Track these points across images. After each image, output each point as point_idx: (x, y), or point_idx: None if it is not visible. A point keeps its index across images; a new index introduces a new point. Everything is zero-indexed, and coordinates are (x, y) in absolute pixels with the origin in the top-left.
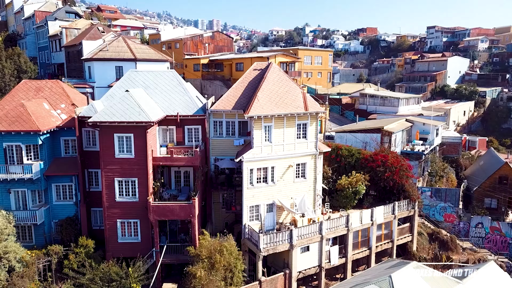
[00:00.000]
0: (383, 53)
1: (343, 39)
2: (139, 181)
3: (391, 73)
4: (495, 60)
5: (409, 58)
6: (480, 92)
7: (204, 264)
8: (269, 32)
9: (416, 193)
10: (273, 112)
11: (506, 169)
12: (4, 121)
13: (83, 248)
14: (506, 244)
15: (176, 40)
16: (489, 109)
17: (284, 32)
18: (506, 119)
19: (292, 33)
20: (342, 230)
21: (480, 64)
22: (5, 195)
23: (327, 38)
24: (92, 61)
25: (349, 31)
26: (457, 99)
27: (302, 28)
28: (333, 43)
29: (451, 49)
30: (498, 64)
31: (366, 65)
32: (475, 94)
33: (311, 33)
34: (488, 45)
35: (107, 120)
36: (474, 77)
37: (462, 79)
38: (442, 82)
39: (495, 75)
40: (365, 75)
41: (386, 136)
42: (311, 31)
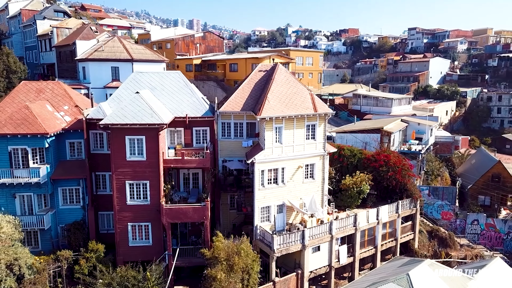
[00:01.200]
0: (366, 54)
1: (325, 40)
2: (150, 184)
3: (374, 73)
4: (474, 61)
5: (391, 58)
6: (461, 92)
7: (222, 266)
8: (252, 32)
9: (418, 192)
10: (284, 113)
11: (498, 168)
12: (9, 124)
13: (93, 253)
14: (501, 240)
15: (167, 40)
16: (470, 109)
17: (266, 33)
18: (486, 118)
19: (275, 33)
20: (350, 230)
21: (460, 65)
22: (10, 199)
23: (310, 39)
24: (87, 61)
25: (331, 32)
26: (440, 99)
27: (285, 29)
28: (316, 43)
29: (431, 50)
30: (477, 65)
31: (349, 66)
32: (457, 94)
33: (294, 33)
34: (467, 47)
35: (118, 122)
36: (455, 77)
37: (443, 80)
38: (424, 83)
39: (474, 76)
40: (349, 76)
41: (385, 136)
42: (294, 32)
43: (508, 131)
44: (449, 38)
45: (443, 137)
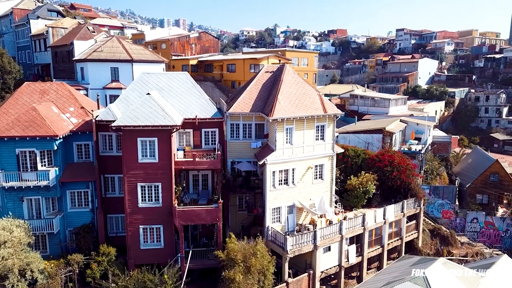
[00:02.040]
0: (354, 54)
1: (314, 40)
2: (162, 186)
3: (363, 74)
4: (461, 62)
5: (380, 59)
6: (450, 93)
7: (239, 268)
8: (240, 33)
9: (422, 191)
10: (294, 114)
11: (496, 167)
12: (17, 126)
13: (105, 256)
14: (499, 238)
15: (162, 40)
16: (458, 109)
17: (255, 33)
18: (474, 118)
19: (263, 33)
20: (359, 230)
21: (448, 65)
22: (17, 203)
23: (299, 39)
24: (86, 62)
25: (319, 32)
26: (429, 99)
27: (273, 29)
28: (305, 44)
29: (419, 51)
30: (464, 66)
31: (338, 66)
32: (445, 95)
33: (282, 34)
34: (454, 48)
35: (131, 124)
36: (443, 78)
37: (431, 80)
38: (414, 83)
39: (462, 76)
40: (338, 76)
41: (387, 136)
42: (282, 32)
43: (495, 130)
44: (436, 39)
45: (440, 136)
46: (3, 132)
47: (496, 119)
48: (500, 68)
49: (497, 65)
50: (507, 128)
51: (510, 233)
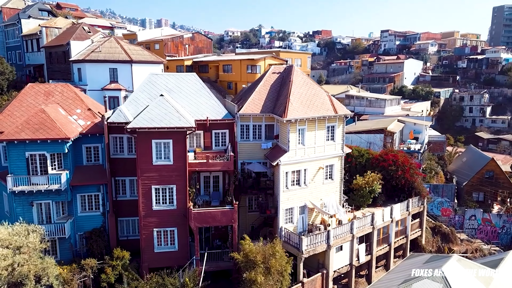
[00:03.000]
0: (340, 55)
1: (300, 41)
2: (177, 188)
3: (349, 74)
4: (445, 62)
5: (366, 60)
6: (435, 93)
7: (260, 269)
8: (224, 33)
9: (425, 190)
10: (307, 115)
11: (492, 165)
12: (27, 129)
13: (119, 260)
14: (496, 234)
15: (156, 40)
16: (443, 109)
17: (239, 33)
18: (459, 117)
19: (248, 34)
20: (368, 229)
21: (432, 66)
22: (26, 208)
23: (284, 40)
24: (84, 62)
25: (304, 33)
26: (415, 99)
27: (258, 30)
28: (290, 44)
29: (404, 52)
30: (448, 67)
31: (323, 67)
32: (431, 95)
33: (268, 34)
34: (437, 49)
35: (146, 126)
36: (428, 78)
37: (417, 80)
38: (400, 83)
39: (446, 77)
40: (325, 77)
41: (389, 136)
42: (267, 33)
43: (480, 129)
44: (420, 40)
45: (435, 136)
46: (12, 135)
47: (480, 118)
48: (482, 68)
49: (479, 65)
50: (491, 127)
51: (506, 229)
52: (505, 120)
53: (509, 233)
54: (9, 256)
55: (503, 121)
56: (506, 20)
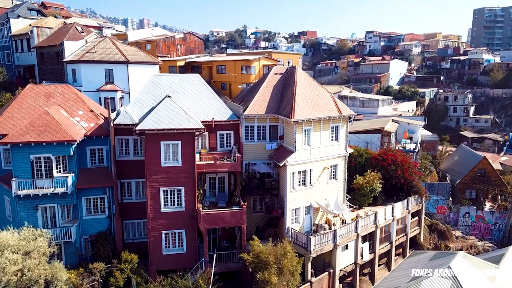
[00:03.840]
0: (325, 56)
1: (285, 42)
2: (185, 190)
3: (335, 75)
4: (429, 63)
5: (351, 60)
6: (420, 93)
7: (272, 269)
8: (209, 33)
9: (424, 188)
10: (313, 115)
11: (484, 163)
12: (32, 131)
13: (127, 264)
14: (489, 230)
15: (147, 41)
16: (428, 108)
17: (224, 34)
18: (443, 117)
19: (233, 34)
20: (371, 227)
21: (416, 67)
22: (31, 212)
23: (270, 40)
24: (79, 63)
25: (289, 34)
26: (401, 99)
27: (243, 30)
28: (276, 45)
29: (388, 52)
30: (432, 67)
31: (309, 67)
32: (416, 95)
33: (253, 35)
34: (421, 50)
35: (155, 127)
36: (413, 79)
37: (402, 81)
38: (386, 84)
39: (431, 77)
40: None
41: (386, 136)
42: (253, 33)
43: (464, 128)
44: (404, 41)
45: (428, 135)
46: (17, 138)
47: (464, 117)
48: (465, 69)
49: (462, 66)
50: (475, 126)
51: (498, 225)
52: (488, 120)
53: (501, 229)
54: (18, 261)
55: (486, 120)
56: (486, 22)
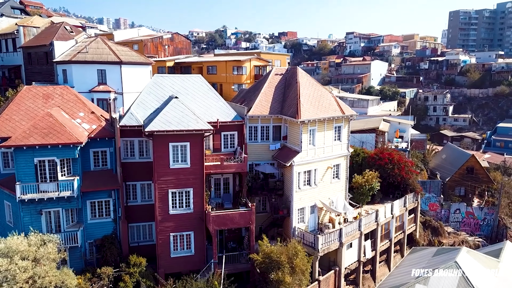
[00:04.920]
0: (306, 56)
1: (266, 42)
2: (194, 191)
3: (317, 75)
4: (408, 64)
5: (333, 61)
6: (401, 93)
7: (285, 269)
8: (189, 34)
9: (419, 186)
10: (318, 116)
11: (472, 161)
12: (36, 134)
13: (136, 267)
14: (478, 226)
15: (135, 41)
16: (409, 108)
17: (204, 34)
18: (424, 116)
19: (214, 35)
20: (373, 225)
21: (396, 67)
22: (35, 217)
23: (251, 41)
24: (70, 63)
25: (270, 34)
26: (382, 99)
27: (224, 30)
28: (257, 45)
29: (369, 53)
30: (411, 68)
31: None
32: (397, 95)
33: (233, 35)
34: (400, 51)
35: (164, 129)
36: (393, 79)
37: (383, 81)
38: (367, 84)
39: (410, 78)
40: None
41: (380, 135)
42: (233, 34)
43: (444, 127)
44: (384, 42)
45: (416, 135)
46: (21, 141)
47: (443, 117)
48: (443, 70)
49: (440, 67)
50: (454, 125)
51: (487, 221)
52: (466, 119)
53: (489, 225)
54: (29, 268)
55: (464, 119)
56: (461, 24)
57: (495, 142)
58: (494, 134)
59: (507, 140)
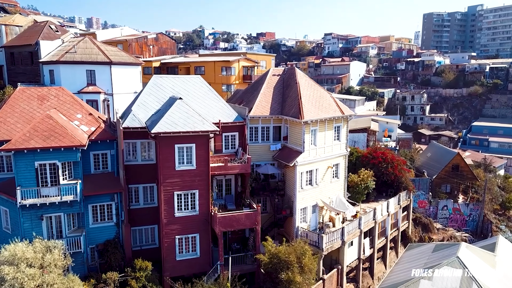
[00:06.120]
0: (285, 57)
1: (245, 43)
2: (199, 193)
3: None
4: (385, 64)
5: (312, 62)
6: (380, 93)
7: (296, 268)
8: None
9: (412, 184)
10: (319, 116)
11: (457, 159)
12: (36, 137)
13: (142, 271)
14: (464, 221)
15: (118, 41)
16: (388, 108)
17: (181, 34)
18: (402, 116)
19: (191, 35)
20: (371, 223)
21: (374, 68)
22: (35, 222)
23: (229, 41)
24: (58, 64)
25: (247, 35)
26: None
27: (201, 31)
28: (236, 46)
29: (347, 54)
30: (388, 68)
31: None
32: (376, 95)
33: (211, 35)
34: (377, 52)
35: (170, 130)
36: (371, 79)
37: (361, 81)
38: (347, 84)
39: (388, 78)
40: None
41: (371, 135)
42: (211, 34)
43: (421, 126)
44: (361, 43)
45: (403, 134)
46: (21, 144)
47: (420, 116)
48: (419, 70)
49: (416, 67)
50: (430, 124)
51: (473, 216)
52: (442, 118)
53: (475, 220)
54: (37, 275)
55: (440, 118)
56: (434, 26)
57: (471, 140)
58: (469, 133)
59: (482, 138)
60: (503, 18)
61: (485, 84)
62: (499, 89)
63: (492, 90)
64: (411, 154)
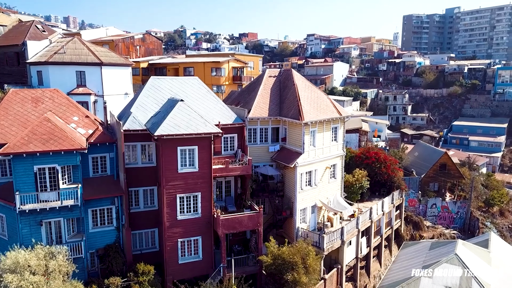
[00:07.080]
0: (268, 58)
1: (228, 43)
2: (202, 196)
3: None
4: (367, 65)
5: (295, 62)
6: (363, 93)
7: (301, 269)
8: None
9: (404, 183)
10: (318, 117)
11: (445, 158)
12: (35, 140)
13: (145, 276)
14: (452, 219)
15: (105, 41)
16: (371, 108)
17: (163, 34)
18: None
19: (173, 35)
20: (368, 223)
21: (356, 68)
22: (34, 228)
23: (211, 42)
24: (46, 65)
25: (230, 35)
26: None
27: (183, 31)
28: (218, 46)
29: (329, 55)
30: (370, 69)
31: None
32: (359, 95)
33: (193, 36)
34: (359, 53)
35: (173, 132)
36: (354, 80)
37: (345, 82)
38: (330, 85)
39: (370, 79)
40: None
41: (363, 135)
42: (193, 34)
43: (404, 126)
44: (343, 44)
45: (391, 134)
46: (20, 148)
47: (403, 116)
48: (400, 71)
49: (398, 68)
50: (412, 123)
51: (460, 214)
52: (423, 118)
53: (462, 218)
54: (41, 283)
55: (422, 118)
56: (414, 28)
57: (451, 139)
58: (450, 132)
59: (462, 137)
60: (479, 20)
61: (464, 84)
62: (477, 90)
63: (471, 91)
64: (401, 154)
